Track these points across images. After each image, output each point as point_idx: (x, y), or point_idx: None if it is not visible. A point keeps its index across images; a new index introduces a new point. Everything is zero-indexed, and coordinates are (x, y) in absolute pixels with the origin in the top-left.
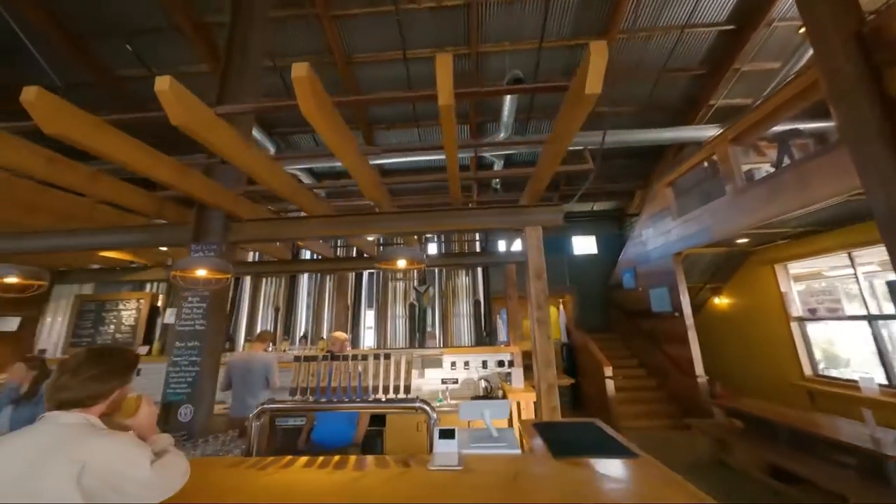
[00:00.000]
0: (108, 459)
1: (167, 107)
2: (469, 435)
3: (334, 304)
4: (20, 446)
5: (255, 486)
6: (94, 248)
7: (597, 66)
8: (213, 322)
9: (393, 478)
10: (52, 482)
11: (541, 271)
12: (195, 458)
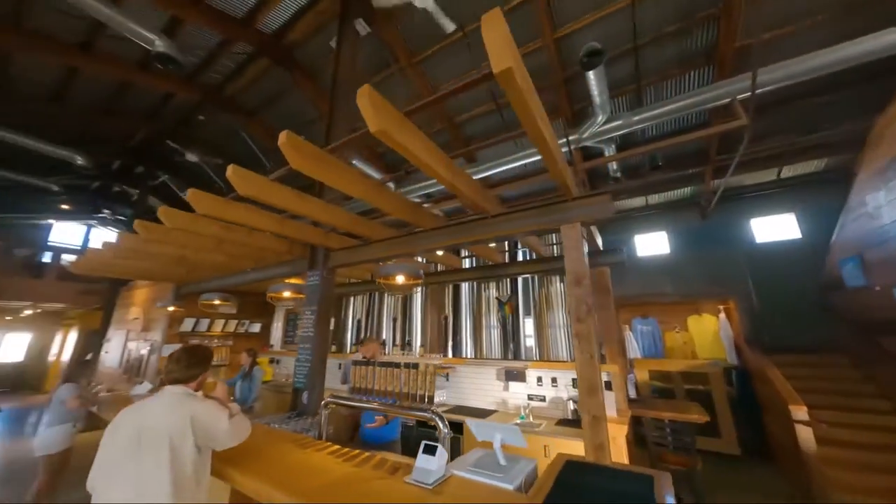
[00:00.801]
0: (205, 414)
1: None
2: (478, 457)
3: (428, 315)
4: (158, 402)
5: (288, 456)
6: (258, 281)
7: (493, 42)
8: (319, 330)
9: (373, 479)
10: (178, 418)
11: (581, 276)
12: (284, 430)
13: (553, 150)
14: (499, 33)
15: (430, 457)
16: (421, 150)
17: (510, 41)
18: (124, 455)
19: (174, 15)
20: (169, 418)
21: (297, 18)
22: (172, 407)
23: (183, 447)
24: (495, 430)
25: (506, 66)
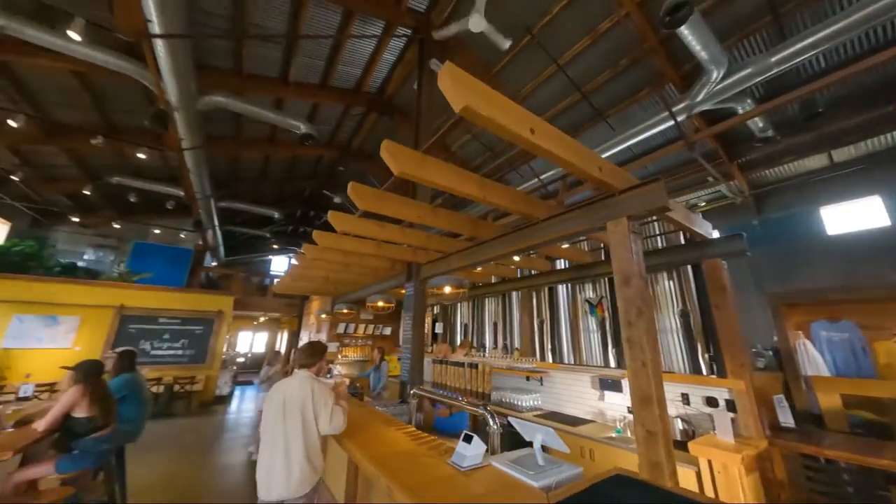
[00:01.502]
0: (318, 393)
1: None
2: (522, 455)
3: (522, 318)
4: (293, 381)
5: (375, 431)
6: (375, 293)
7: (447, 89)
8: (416, 332)
9: (423, 455)
10: (307, 393)
11: (629, 276)
12: (384, 412)
13: (566, 149)
14: (450, 81)
15: (467, 444)
16: (445, 178)
17: (463, 82)
18: (275, 418)
19: (314, 102)
20: (300, 392)
21: (391, 74)
22: (301, 384)
23: (308, 414)
24: (536, 431)
25: (462, 106)
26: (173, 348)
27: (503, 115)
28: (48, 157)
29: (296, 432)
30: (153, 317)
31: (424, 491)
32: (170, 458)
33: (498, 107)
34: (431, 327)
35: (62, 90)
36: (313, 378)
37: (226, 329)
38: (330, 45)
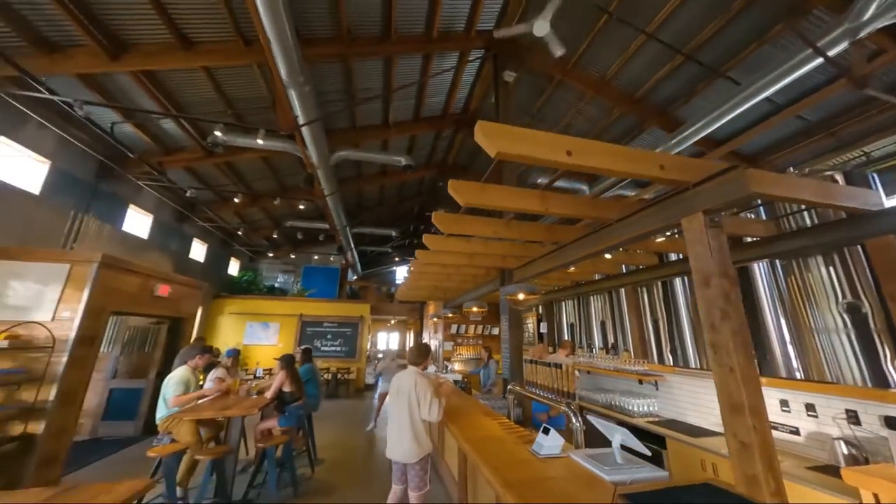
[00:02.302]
0: (421, 385)
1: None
2: (603, 452)
3: (630, 317)
4: (406, 373)
5: (475, 419)
6: (474, 298)
7: (482, 140)
8: (512, 333)
9: (509, 441)
10: (412, 384)
11: (709, 276)
12: (486, 405)
13: (613, 159)
14: (483, 135)
15: (545, 436)
16: (505, 200)
17: (494, 133)
18: (392, 401)
19: (411, 135)
20: (408, 383)
21: (471, 93)
22: (410, 377)
23: (412, 401)
24: (614, 431)
25: (496, 152)
26: (334, 346)
27: (535, 148)
28: (253, 215)
29: (404, 414)
30: (320, 322)
31: (503, 468)
32: (338, 426)
33: (528, 143)
34: (537, 327)
35: (256, 169)
36: (419, 373)
37: (367, 331)
38: (416, 86)
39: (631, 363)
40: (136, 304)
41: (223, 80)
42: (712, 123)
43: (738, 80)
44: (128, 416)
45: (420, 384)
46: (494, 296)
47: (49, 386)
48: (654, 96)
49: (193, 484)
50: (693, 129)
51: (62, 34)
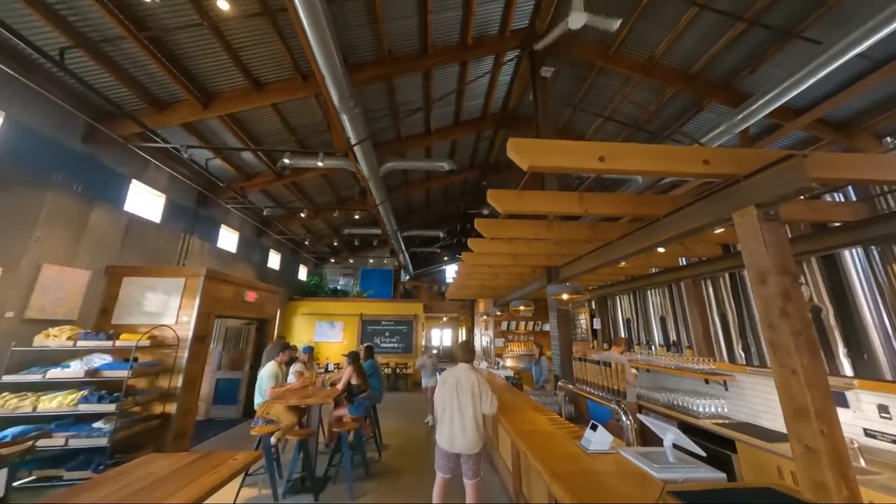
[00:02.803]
0: (481, 382)
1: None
2: (655, 451)
3: (692, 312)
4: (461, 370)
5: (526, 413)
6: (523, 295)
7: (514, 156)
8: (561, 331)
9: (558, 436)
10: (474, 379)
11: (765, 273)
12: (538, 401)
13: (650, 160)
14: (514, 151)
15: (593, 432)
16: (544, 204)
17: (525, 148)
18: (450, 394)
19: (452, 139)
20: (468, 379)
21: (509, 92)
22: (467, 373)
23: (475, 395)
24: (666, 431)
25: (528, 166)
26: (392, 342)
27: (566, 158)
28: (316, 226)
29: (468, 407)
30: (378, 320)
31: (550, 459)
32: (400, 417)
33: (559, 153)
34: (590, 323)
35: (317, 186)
36: (475, 369)
37: (421, 328)
38: (455, 93)
39: (695, 361)
40: (231, 308)
41: (287, 112)
42: (788, 91)
43: (818, 40)
44: (231, 402)
45: (481, 380)
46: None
47: (177, 375)
48: (713, 70)
49: (285, 461)
50: (764, 101)
51: (168, 93)
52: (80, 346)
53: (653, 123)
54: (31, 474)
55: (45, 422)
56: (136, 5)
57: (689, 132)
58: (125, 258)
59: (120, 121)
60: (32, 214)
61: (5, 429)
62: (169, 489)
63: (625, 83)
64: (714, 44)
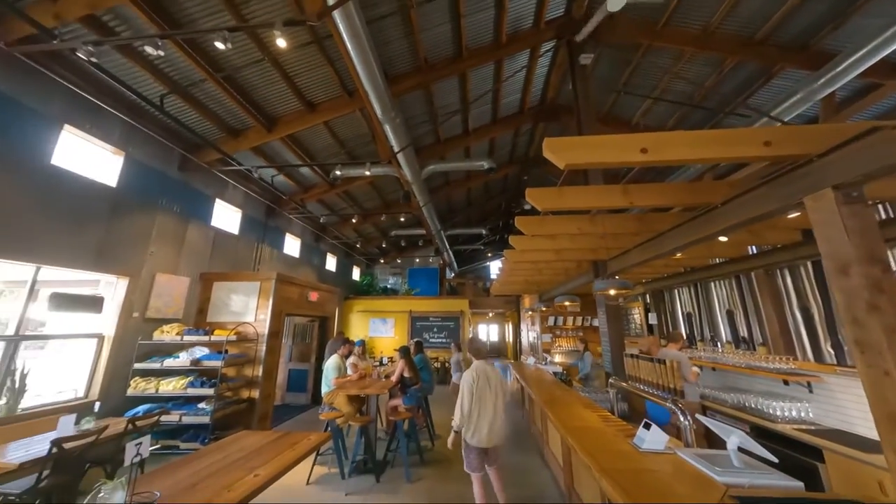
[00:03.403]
0: (502, 377)
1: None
2: (719, 454)
3: (765, 305)
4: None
5: (574, 409)
6: (569, 290)
7: (550, 155)
8: (611, 326)
9: (608, 433)
10: (498, 376)
11: (847, 263)
12: (587, 397)
13: (702, 147)
14: (550, 152)
15: (646, 431)
16: (585, 200)
17: (560, 147)
18: (484, 387)
19: (491, 137)
20: (495, 374)
21: (547, 83)
22: (494, 369)
23: (500, 390)
24: (730, 433)
25: (564, 165)
26: (440, 337)
27: (604, 153)
28: (366, 230)
29: (500, 402)
30: (426, 316)
31: (599, 455)
32: (450, 409)
33: (597, 149)
34: (644, 317)
35: (365, 193)
36: (493, 366)
37: (467, 323)
38: (491, 92)
39: (770, 360)
40: (298, 307)
41: (336, 128)
42: (888, 44)
43: None
44: (301, 390)
45: (502, 376)
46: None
47: (258, 365)
48: (784, 33)
49: (349, 445)
50: (855, 59)
51: (240, 122)
52: (185, 340)
53: (711, 99)
54: (157, 443)
55: (164, 401)
56: (213, 51)
57: (757, 104)
58: (213, 266)
59: (204, 150)
60: (147, 233)
61: (137, 406)
62: (260, 460)
63: (675, 59)
64: (784, 3)
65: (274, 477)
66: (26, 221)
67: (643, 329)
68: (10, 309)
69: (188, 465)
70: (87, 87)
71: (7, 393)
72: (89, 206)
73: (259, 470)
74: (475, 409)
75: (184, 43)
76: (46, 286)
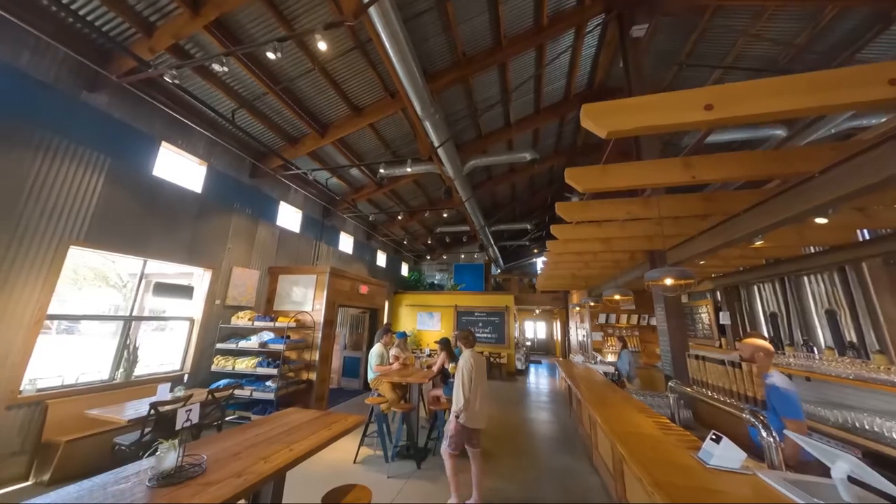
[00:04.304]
0: (485, 364)
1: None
2: (813, 481)
3: (882, 305)
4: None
5: (626, 413)
6: (623, 284)
7: (588, 124)
8: (671, 325)
9: (667, 443)
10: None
11: None
12: (641, 400)
13: (793, 96)
14: (590, 120)
15: (715, 444)
16: (634, 178)
17: (600, 113)
18: (478, 374)
19: (534, 128)
20: (483, 361)
21: (595, 64)
22: (480, 357)
23: (485, 374)
24: (836, 458)
25: (606, 133)
26: (485, 332)
27: (656, 115)
28: (413, 227)
29: (485, 388)
30: (471, 311)
31: (653, 466)
32: (494, 403)
33: (646, 111)
34: (713, 317)
35: (410, 191)
36: (476, 354)
37: (513, 319)
38: (533, 80)
39: (894, 372)
40: (350, 299)
41: (381, 129)
42: None
43: None
44: (354, 375)
45: (484, 363)
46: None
47: (315, 351)
48: None
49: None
50: None
51: (297, 130)
52: (255, 325)
53: (802, 60)
54: (234, 413)
55: (239, 378)
56: (271, 65)
57: (867, 59)
58: (279, 260)
59: (269, 157)
60: (225, 232)
61: (218, 380)
62: (298, 436)
63: (754, 18)
64: None
65: (307, 452)
66: (136, 222)
67: (712, 331)
68: (126, 296)
69: (239, 434)
70: (179, 109)
71: (124, 363)
72: (182, 209)
73: (295, 445)
74: (474, 393)
75: (246, 60)
76: (157, 277)
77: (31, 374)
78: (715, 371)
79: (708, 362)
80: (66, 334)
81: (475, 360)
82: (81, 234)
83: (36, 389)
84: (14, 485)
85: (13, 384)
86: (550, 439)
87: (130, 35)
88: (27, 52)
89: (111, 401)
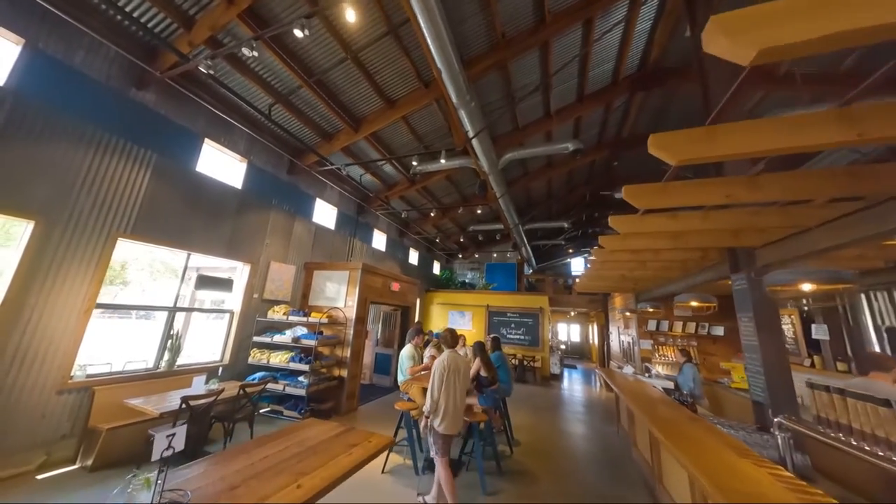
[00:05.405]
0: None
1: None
2: None
3: None
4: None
5: (722, 455)
6: (688, 288)
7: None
8: (763, 338)
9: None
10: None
11: None
12: (732, 435)
13: None
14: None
15: None
16: (760, 139)
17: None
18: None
19: (576, 117)
20: (460, 363)
21: (650, 40)
22: (457, 358)
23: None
24: None
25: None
26: (518, 334)
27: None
28: (445, 225)
29: (461, 389)
30: (503, 312)
31: None
32: (529, 411)
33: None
34: (801, 330)
35: (443, 188)
36: (459, 355)
37: (547, 321)
38: (578, 61)
39: None
40: (381, 296)
41: (414, 122)
42: None
43: None
44: (386, 372)
45: (466, 364)
46: (715, 286)
47: (346, 347)
48: None
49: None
50: None
51: (332, 125)
52: (290, 320)
53: None
54: (267, 406)
55: (274, 371)
56: (302, 55)
57: None
58: (314, 256)
59: (305, 154)
60: (263, 228)
61: (254, 373)
62: (310, 463)
63: None
64: None
65: (319, 492)
66: (180, 216)
67: (798, 347)
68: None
69: (243, 455)
70: (221, 107)
71: (168, 352)
72: (223, 205)
73: (305, 479)
74: (443, 396)
75: (280, 51)
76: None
77: (81, 360)
78: (856, 408)
79: (852, 398)
80: (120, 319)
81: (450, 362)
82: (129, 226)
83: (86, 375)
84: (63, 467)
85: (64, 371)
86: (597, 461)
87: (173, 31)
88: (82, 51)
89: (153, 389)
